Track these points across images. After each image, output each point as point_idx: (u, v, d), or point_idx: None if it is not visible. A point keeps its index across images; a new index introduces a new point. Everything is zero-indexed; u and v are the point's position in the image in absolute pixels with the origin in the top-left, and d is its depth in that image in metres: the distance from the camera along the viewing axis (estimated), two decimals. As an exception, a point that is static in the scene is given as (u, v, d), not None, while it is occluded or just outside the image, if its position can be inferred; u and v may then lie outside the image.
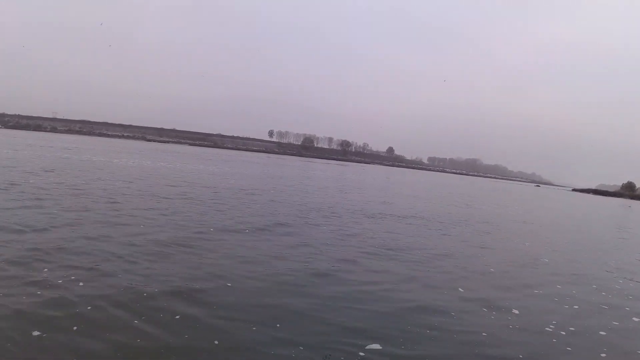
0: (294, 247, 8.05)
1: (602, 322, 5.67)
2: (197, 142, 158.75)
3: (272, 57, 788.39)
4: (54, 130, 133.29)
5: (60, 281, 4.94)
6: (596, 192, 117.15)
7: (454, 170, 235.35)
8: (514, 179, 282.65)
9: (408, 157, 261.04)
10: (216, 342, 3.89)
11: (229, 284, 5.51)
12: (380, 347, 4.03)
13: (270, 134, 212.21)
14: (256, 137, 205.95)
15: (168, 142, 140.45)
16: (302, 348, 3.93)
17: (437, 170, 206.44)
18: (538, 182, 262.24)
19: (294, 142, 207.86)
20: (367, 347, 4.00)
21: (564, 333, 5.08)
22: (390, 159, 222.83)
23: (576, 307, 6.21)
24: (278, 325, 4.39)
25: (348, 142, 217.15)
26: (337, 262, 7.30)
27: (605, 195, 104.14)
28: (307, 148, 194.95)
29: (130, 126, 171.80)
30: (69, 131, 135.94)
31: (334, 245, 8.68)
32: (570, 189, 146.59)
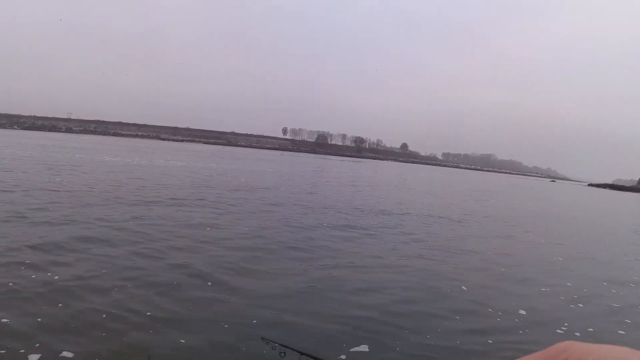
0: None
1: (617, 321, 5.37)
2: (210, 141, 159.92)
3: (285, 53, 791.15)
4: (68, 130, 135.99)
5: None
6: (612, 187, 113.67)
7: (469, 166, 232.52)
8: (529, 174, 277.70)
9: (422, 153, 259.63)
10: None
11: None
12: (368, 350, 3.69)
13: (284, 131, 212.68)
14: (270, 135, 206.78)
15: (182, 140, 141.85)
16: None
17: (451, 166, 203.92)
18: (554, 177, 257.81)
19: (308, 140, 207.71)
20: (351, 350, 3.67)
21: (578, 334, 4.69)
22: (404, 155, 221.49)
23: (586, 305, 5.85)
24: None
25: (362, 138, 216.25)
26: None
27: (622, 190, 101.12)
28: (321, 145, 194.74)
29: (144, 125, 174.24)
30: (84, 131, 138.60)
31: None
32: (587, 184, 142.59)
